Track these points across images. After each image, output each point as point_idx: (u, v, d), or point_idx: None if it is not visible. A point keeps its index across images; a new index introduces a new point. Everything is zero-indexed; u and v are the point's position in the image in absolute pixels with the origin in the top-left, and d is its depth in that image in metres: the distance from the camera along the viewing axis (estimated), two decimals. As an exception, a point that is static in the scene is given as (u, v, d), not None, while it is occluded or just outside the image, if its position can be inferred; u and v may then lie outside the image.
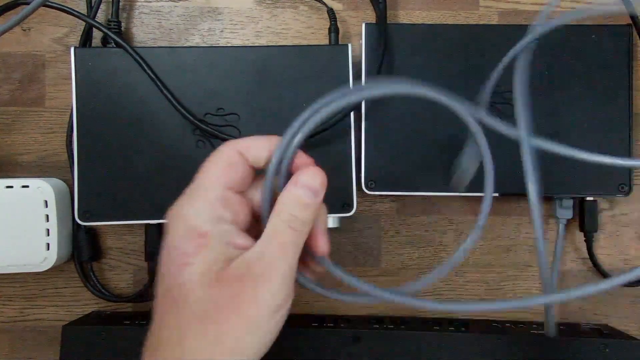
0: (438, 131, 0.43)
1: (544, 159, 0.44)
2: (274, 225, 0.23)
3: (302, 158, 0.25)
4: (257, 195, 0.26)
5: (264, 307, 0.22)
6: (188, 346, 0.22)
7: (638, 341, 0.41)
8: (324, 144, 0.42)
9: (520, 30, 0.36)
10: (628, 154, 0.43)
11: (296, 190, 0.23)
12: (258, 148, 0.25)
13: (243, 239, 0.24)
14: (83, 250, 0.44)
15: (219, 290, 0.22)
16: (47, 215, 0.42)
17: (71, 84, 0.42)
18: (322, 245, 0.25)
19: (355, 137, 0.43)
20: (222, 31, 0.47)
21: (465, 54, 0.44)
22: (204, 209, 0.23)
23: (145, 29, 0.47)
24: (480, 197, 0.45)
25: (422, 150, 0.43)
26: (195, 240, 0.22)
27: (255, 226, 0.26)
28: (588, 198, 0.44)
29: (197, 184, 0.24)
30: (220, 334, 0.22)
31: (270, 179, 0.24)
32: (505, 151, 0.42)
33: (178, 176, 0.42)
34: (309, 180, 0.24)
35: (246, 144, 0.25)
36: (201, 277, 0.22)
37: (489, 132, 0.42)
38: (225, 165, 0.24)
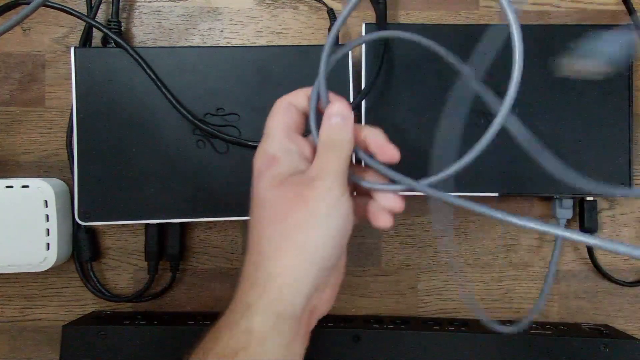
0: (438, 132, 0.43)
1: (544, 159, 0.44)
2: (320, 146, 0.30)
3: (334, 96, 0.32)
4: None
5: (321, 200, 0.27)
6: (264, 240, 0.28)
7: (638, 341, 0.41)
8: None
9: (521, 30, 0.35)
10: (628, 153, 0.43)
11: (328, 119, 0.30)
12: (299, 97, 0.31)
13: (305, 166, 0.30)
14: (83, 250, 0.44)
15: (284, 192, 0.28)
16: (47, 215, 0.42)
17: (71, 84, 0.42)
18: (389, 152, 0.31)
19: (355, 137, 0.43)
20: (222, 31, 0.47)
21: (465, 54, 0.44)
22: (274, 142, 0.30)
23: (145, 29, 0.47)
24: (478, 197, 0.45)
25: (422, 151, 0.43)
26: (268, 161, 0.29)
27: None
28: (588, 198, 0.44)
29: (267, 131, 0.30)
30: (287, 227, 0.27)
31: (313, 114, 0.31)
32: (505, 152, 0.43)
33: (178, 176, 0.42)
34: (336, 108, 0.30)
35: (292, 95, 0.32)
36: (270, 183, 0.28)
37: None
38: (282, 112, 0.31)
